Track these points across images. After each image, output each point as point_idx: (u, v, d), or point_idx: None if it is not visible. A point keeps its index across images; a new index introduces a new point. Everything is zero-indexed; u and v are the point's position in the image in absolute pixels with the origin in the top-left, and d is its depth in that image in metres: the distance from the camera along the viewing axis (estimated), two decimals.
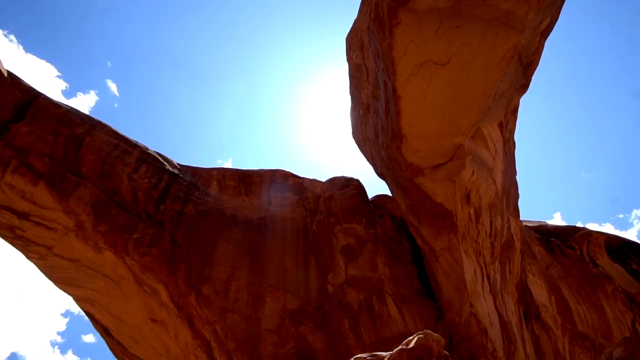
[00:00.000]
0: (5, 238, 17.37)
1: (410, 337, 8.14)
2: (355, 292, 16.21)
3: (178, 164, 21.10)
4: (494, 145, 17.07)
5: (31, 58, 78.82)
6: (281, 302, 16.75)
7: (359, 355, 8.30)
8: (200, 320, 16.11)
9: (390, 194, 19.94)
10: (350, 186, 20.84)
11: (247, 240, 18.54)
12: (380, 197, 21.91)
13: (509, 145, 18.80)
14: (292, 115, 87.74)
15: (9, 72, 17.92)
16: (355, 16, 17.51)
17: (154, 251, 16.36)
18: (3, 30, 74.33)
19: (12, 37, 77.34)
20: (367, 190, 21.47)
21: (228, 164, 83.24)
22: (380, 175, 19.50)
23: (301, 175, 22.87)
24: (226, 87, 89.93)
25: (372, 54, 15.47)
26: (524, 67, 15.04)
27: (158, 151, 20.63)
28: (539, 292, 19.33)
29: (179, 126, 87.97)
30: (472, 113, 14.02)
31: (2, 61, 17.92)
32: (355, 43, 18.01)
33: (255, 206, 20.48)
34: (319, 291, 17.32)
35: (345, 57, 19.54)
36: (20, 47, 78.28)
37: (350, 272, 17.00)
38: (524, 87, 16.42)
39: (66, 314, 74.82)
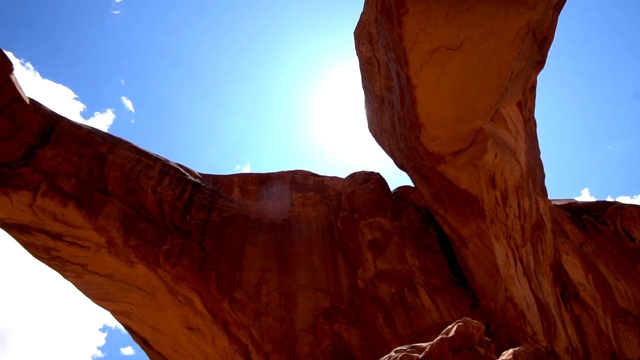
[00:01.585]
0: (42, 259, 17.94)
1: (450, 326, 8.03)
2: (387, 286, 16.15)
3: (199, 173, 21.40)
4: (515, 125, 16.74)
5: (48, 83, 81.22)
6: (313, 301, 16.81)
7: (399, 348, 8.23)
8: (236, 325, 16.31)
9: (412, 185, 19.77)
10: (371, 180, 20.76)
11: (273, 243, 18.67)
12: (402, 189, 21.75)
13: (530, 125, 18.41)
14: (306, 115, 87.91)
15: (30, 99, 18.47)
16: (361, 10, 17.44)
17: (184, 261, 16.64)
18: (19, 59, 76.72)
19: (28, 64, 79.80)
20: (388, 182, 21.38)
21: (246, 169, 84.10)
22: (401, 166, 19.35)
23: (321, 174, 22.90)
24: (238, 93, 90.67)
25: (382, 46, 15.36)
26: (539, 43, 14.70)
27: (178, 162, 20.98)
28: (575, 271, 18.87)
29: (196, 136, 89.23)
30: (489, 95, 13.78)
31: (23, 89, 18.50)
32: (364, 36, 17.91)
33: (278, 208, 20.61)
34: (349, 287, 17.31)
35: (354, 52, 19.48)
36: (37, 74, 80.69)
37: (379, 266, 16.94)
38: (540, 64, 16.06)
39: (104, 328, 76.91)
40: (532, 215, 16.85)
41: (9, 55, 17.52)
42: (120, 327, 20.29)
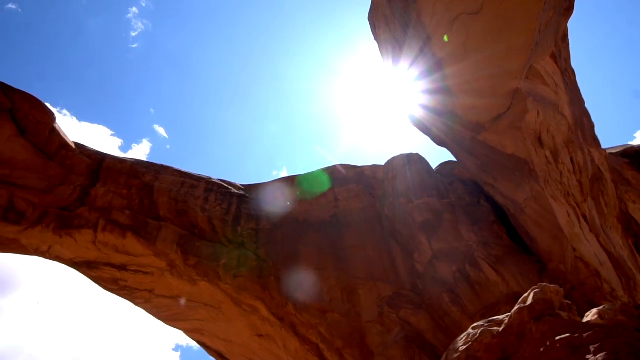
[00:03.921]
0: (112, 291, 18.90)
1: (526, 294, 7.71)
2: (446, 265, 15.83)
3: (241, 185, 21.83)
4: (552, 79, 15.94)
5: (85, 125, 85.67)
6: (375, 292, 16.76)
7: (475, 324, 8.03)
8: (303, 325, 16.53)
9: (454, 159, 19.27)
10: (412, 162, 20.38)
11: (325, 241, 18.76)
12: (444, 165, 21.26)
13: (568, 74, 17.50)
14: (334, 109, 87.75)
15: (75, 143, 19.46)
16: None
17: (243, 271, 17.05)
18: (56, 108, 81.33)
19: (65, 111, 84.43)
20: (429, 161, 20.92)
21: (283, 173, 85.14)
22: (440, 143, 18.88)
23: (359, 165, 22.75)
24: (263, 101, 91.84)
25: (399, 25, 15.05)
26: None
27: (219, 178, 21.49)
28: None
29: (229, 149, 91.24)
30: (520, 53, 13.16)
31: (67, 134, 19.51)
32: (379, 19, 17.60)
33: (323, 206, 20.67)
34: (408, 273, 17.12)
35: (368, 40, 19.19)
36: (74, 118, 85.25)
37: (435, 246, 16.63)
38: (569, 10, 15.23)
39: (177, 348, 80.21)
40: (588, 169, 16.01)
41: (48, 105, 18.56)
42: (192, 343, 21.15)
